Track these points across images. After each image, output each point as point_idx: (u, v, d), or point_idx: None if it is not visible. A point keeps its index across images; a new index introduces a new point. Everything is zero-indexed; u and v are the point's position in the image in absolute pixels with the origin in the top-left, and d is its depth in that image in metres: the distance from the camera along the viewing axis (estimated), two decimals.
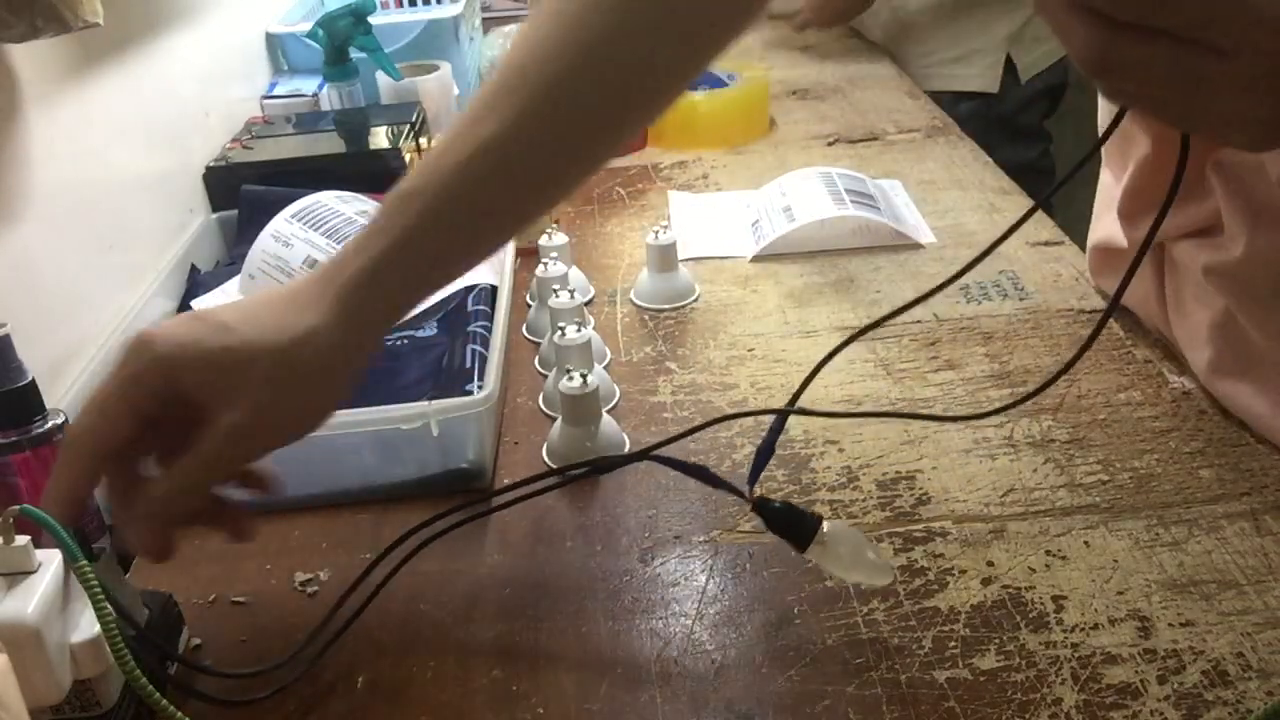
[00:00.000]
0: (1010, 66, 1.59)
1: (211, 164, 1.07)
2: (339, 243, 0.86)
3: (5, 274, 0.75)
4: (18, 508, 0.52)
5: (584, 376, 0.75)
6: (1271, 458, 0.72)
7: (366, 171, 1.06)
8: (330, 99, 1.25)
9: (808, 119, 1.42)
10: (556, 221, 1.12)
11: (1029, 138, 1.67)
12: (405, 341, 0.84)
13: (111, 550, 0.70)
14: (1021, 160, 1.27)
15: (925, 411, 0.80)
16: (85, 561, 0.53)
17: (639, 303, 0.99)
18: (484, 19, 1.74)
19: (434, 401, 0.72)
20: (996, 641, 0.60)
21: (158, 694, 0.54)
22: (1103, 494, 0.70)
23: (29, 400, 0.64)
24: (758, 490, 0.61)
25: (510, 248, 0.94)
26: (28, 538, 0.53)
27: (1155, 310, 0.84)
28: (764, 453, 0.62)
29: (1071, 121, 1.88)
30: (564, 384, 0.75)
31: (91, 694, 0.56)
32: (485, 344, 0.81)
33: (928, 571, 0.65)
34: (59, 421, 0.65)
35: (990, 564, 0.66)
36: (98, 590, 0.53)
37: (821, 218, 1.04)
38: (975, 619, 0.62)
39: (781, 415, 0.64)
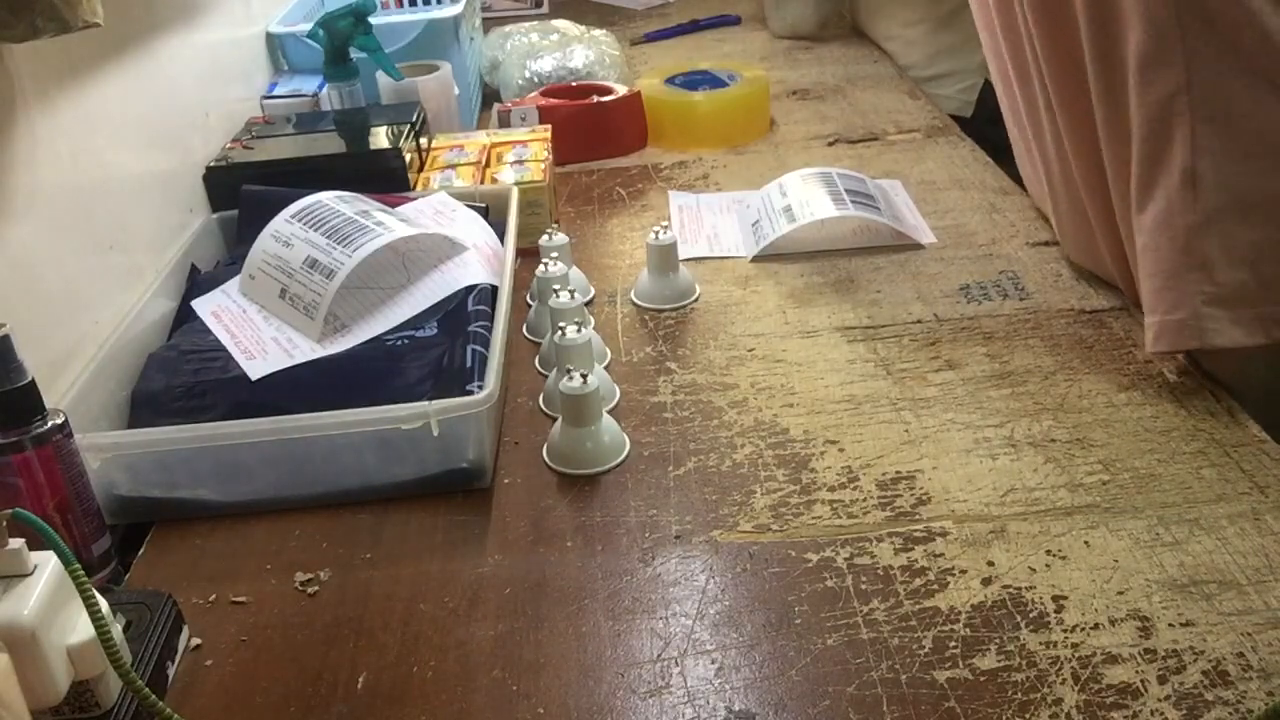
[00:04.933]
0: (992, 91, 1.58)
1: (211, 164, 1.07)
2: (339, 243, 0.86)
3: (5, 274, 0.75)
4: (10, 511, 0.52)
5: (584, 376, 0.75)
6: (1272, 457, 0.72)
7: (366, 171, 1.06)
8: (330, 99, 1.25)
9: (808, 119, 1.42)
10: (557, 221, 1.13)
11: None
12: (405, 341, 0.84)
13: (112, 550, 0.70)
14: (1006, 175, 1.27)
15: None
16: (79, 565, 0.53)
17: (639, 303, 0.98)
18: (484, 19, 1.74)
19: (434, 401, 0.72)
20: (996, 641, 0.60)
21: (152, 695, 0.54)
22: (1103, 494, 0.70)
23: (29, 400, 0.64)
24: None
25: (510, 248, 0.94)
26: (21, 541, 0.53)
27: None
28: None
29: None
30: (564, 384, 0.75)
31: (90, 695, 0.56)
32: (485, 344, 0.81)
33: (928, 571, 0.65)
34: (59, 421, 0.65)
35: (990, 564, 0.65)
36: (91, 594, 0.53)
37: (821, 218, 1.04)
38: (975, 619, 0.62)
39: None
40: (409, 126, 1.13)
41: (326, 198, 0.92)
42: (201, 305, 0.91)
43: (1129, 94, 0.77)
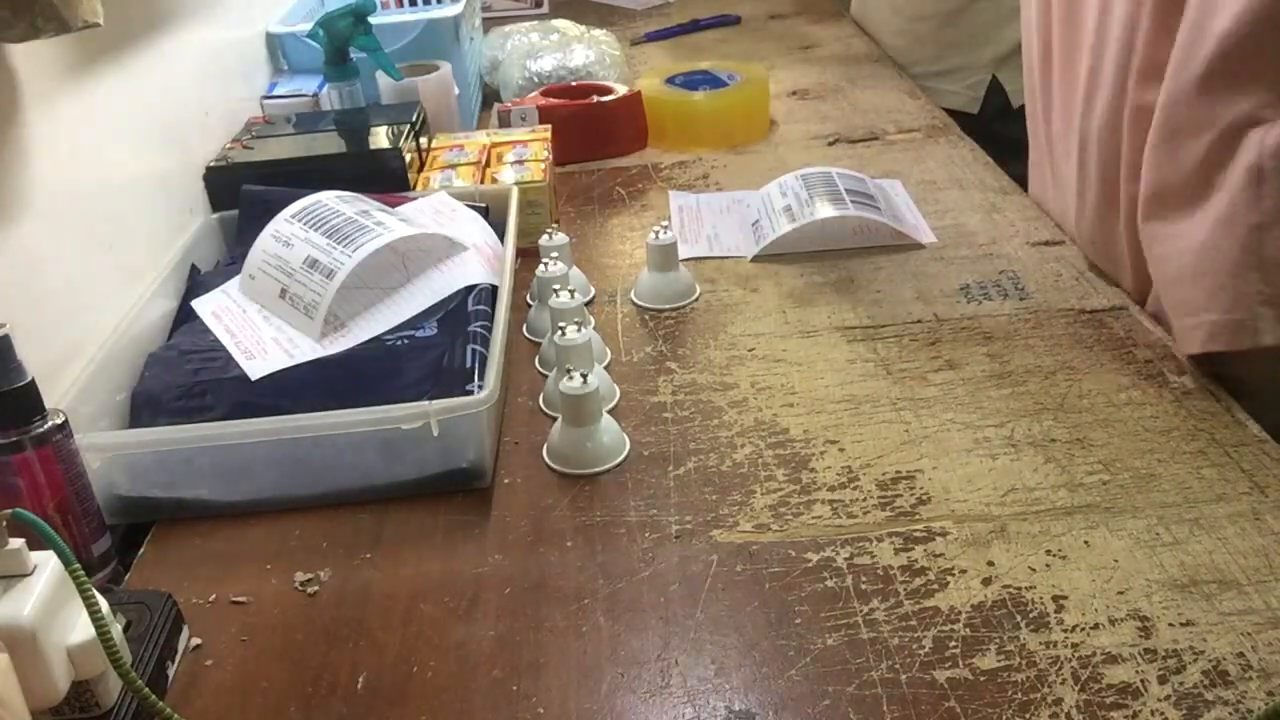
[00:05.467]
0: (999, 87, 1.58)
1: (211, 164, 1.07)
2: (339, 243, 0.86)
3: (5, 274, 0.75)
4: (10, 511, 0.52)
5: (584, 376, 0.75)
6: (1272, 457, 0.72)
7: (366, 171, 1.06)
8: (330, 99, 1.25)
9: (808, 119, 1.42)
10: (557, 221, 1.13)
11: (1021, 152, 1.67)
12: (405, 341, 0.84)
13: (112, 550, 0.70)
14: (1012, 174, 1.27)
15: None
16: (78, 565, 0.53)
17: (639, 303, 0.98)
18: (484, 19, 1.74)
19: (434, 401, 0.72)
20: (996, 641, 0.60)
21: (152, 695, 0.54)
22: (1103, 494, 0.70)
23: (29, 400, 0.64)
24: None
25: (510, 248, 0.94)
26: (21, 541, 0.53)
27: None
28: None
29: None
30: (564, 384, 0.75)
31: (90, 695, 0.56)
32: (485, 344, 0.81)
33: (928, 571, 0.65)
34: (59, 421, 0.65)
35: (990, 564, 0.65)
36: (91, 593, 0.53)
37: (821, 218, 1.04)
38: (975, 619, 0.62)
39: None
40: (409, 126, 1.13)
41: (326, 198, 0.92)
42: (201, 305, 0.91)
43: (1217, 79, 0.76)
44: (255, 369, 0.81)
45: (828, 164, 1.17)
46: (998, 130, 1.61)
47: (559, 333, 0.78)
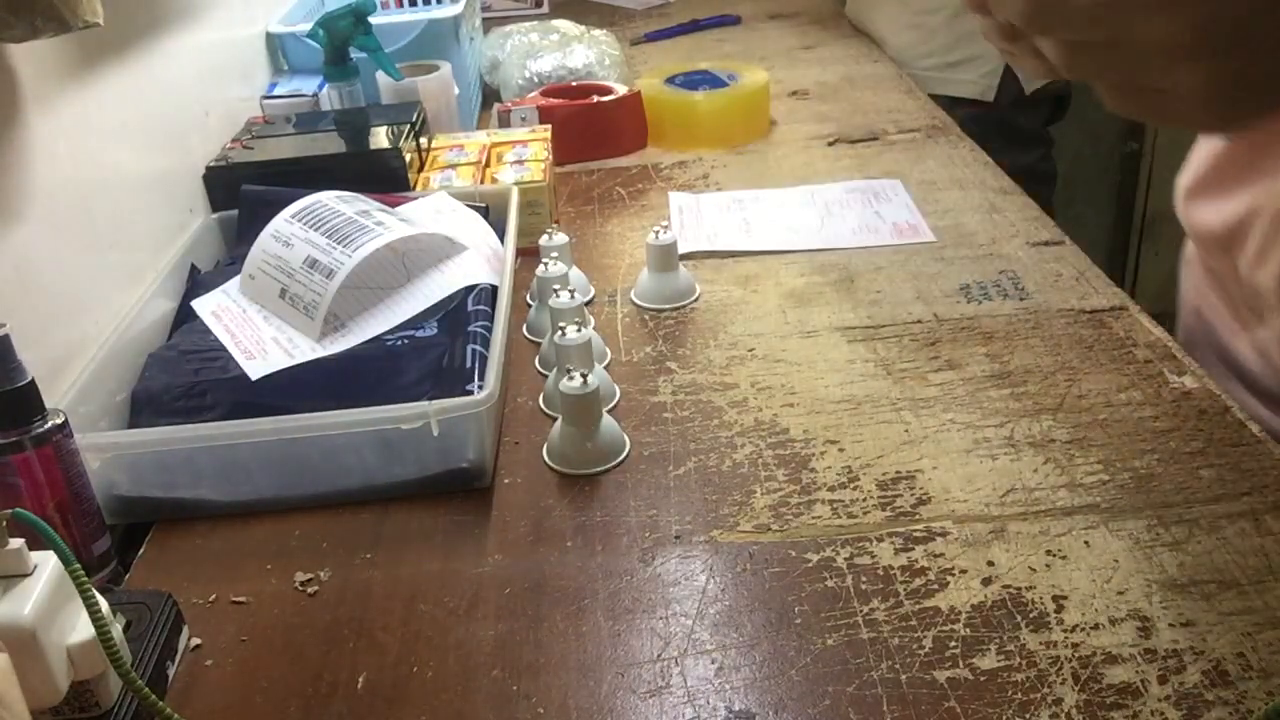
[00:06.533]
0: (1012, 74, 1.59)
1: (211, 164, 1.07)
2: (339, 243, 0.86)
3: (5, 274, 0.75)
4: (10, 511, 0.52)
5: (584, 376, 0.75)
6: (1272, 458, 0.72)
7: (366, 171, 1.06)
8: (330, 99, 1.25)
9: (808, 119, 1.42)
10: (556, 221, 1.13)
11: (1029, 142, 1.67)
12: (405, 341, 0.84)
13: (112, 550, 0.70)
14: (1020, 164, 1.26)
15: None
16: (79, 565, 0.53)
17: (639, 303, 0.98)
18: (484, 19, 1.74)
19: (434, 401, 0.72)
20: (996, 641, 0.60)
21: (152, 694, 0.54)
22: (1103, 494, 0.70)
23: (29, 400, 0.64)
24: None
25: (510, 248, 0.94)
26: (21, 541, 0.53)
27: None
28: None
29: (1076, 124, 1.87)
30: (564, 384, 0.75)
31: (90, 695, 0.56)
32: (485, 344, 0.81)
33: (928, 571, 0.65)
34: (59, 421, 0.65)
35: (990, 564, 0.65)
36: (91, 593, 0.53)
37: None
38: (975, 619, 0.62)
39: None
40: (409, 126, 1.13)
41: (326, 198, 0.92)
42: (201, 305, 0.91)
43: None
44: (255, 369, 0.81)
45: (828, 164, 1.17)
46: (1014, 118, 1.61)
47: (559, 333, 0.78)
